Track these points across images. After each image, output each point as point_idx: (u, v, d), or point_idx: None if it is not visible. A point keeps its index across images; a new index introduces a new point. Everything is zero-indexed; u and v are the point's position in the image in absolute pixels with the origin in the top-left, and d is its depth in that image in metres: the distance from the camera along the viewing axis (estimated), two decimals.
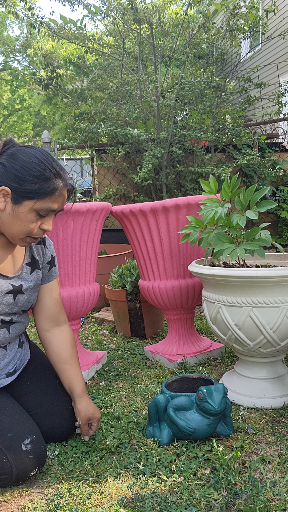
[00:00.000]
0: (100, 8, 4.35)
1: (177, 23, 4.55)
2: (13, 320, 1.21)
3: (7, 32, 16.35)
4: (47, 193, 1.09)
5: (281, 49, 7.56)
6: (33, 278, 1.25)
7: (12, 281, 1.19)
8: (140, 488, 1.04)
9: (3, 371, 1.21)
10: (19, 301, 1.20)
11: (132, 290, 2.23)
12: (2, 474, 1.05)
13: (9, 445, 1.05)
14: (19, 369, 1.27)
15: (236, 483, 1.03)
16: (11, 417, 1.11)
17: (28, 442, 1.08)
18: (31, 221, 1.10)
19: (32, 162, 1.08)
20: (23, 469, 1.06)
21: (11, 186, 1.07)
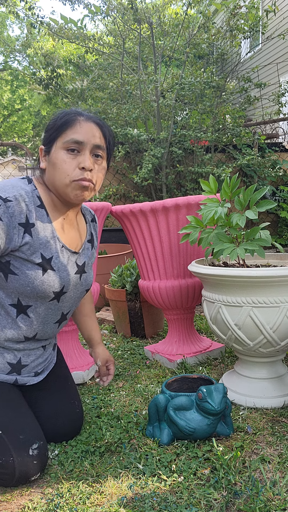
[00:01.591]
0: (101, 8, 4.36)
1: (177, 23, 4.55)
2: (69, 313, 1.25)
3: (7, 32, 16.35)
4: (64, 125, 1.09)
5: (281, 49, 7.56)
6: (91, 254, 1.29)
7: (77, 260, 1.21)
8: (140, 488, 1.04)
9: (34, 369, 1.22)
10: (84, 280, 1.24)
11: (132, 290, 2.23)
12: (5, 474, 1.05)
13: (18, 448, 1.06)
14: (46, 371, 1.27)
15: (236, 482, 1.03)
16: (25, 419, 1.12)
17: (36, 447, 1.08)
18: (63, 161, 1.08)
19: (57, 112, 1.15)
20: (25, 472, 1.06)
21: (43, 142, 1.13)
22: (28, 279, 1.08)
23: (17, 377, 1.18)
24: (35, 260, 1.08)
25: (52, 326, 1.21)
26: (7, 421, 1.08)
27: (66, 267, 1.15)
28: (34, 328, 1.16)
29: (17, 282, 1.08)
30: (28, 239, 1.06)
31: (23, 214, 1.05)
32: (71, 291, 1.19)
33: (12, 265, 1.07)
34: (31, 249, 1.07)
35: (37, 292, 1.10)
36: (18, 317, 1.13)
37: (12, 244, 1.05)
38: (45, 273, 1.09)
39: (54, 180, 1.10)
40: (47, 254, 1.10)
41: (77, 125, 1.09)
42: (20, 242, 1.05)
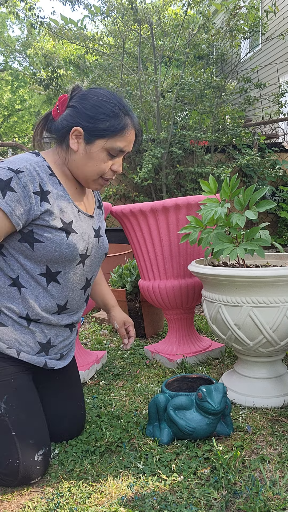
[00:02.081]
0: (101, 8, 4.36)
1: (177, 24, 4.55)
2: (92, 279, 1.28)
3: (8, 32, 16.36)
4: (118, 131, 1.11)
5: (280, 50, 7.56)
6: (102, 219, 1.33)
7: (93, 224, 1.25)
8: (140, 487, 1.04)
9: (60, 350, 1.24)
10: (101, 243, 1.27)
11: (132, 290, 2.23)
12: (8, 476, 1.06)
13: (27, 452, 1.06)
14: (69, 356, 1.29)
15: (236, 482, 1.04)
16: (38, 424, 1.12)
17: (42, 453, 1.09)
18: (102, 160, 1.13)
19: (102, 100, 1.11)
20: (28, 476, 1.07)
21: (83, 126, 1.10)
22: (54, 244, 1.10)
23: (46, 360, 1.19)
24: (57, 225, 1.10)
25: (79, 293, 1.23)
26: (22, 424, 1.08)
27: (86, 230, 1.19)
28: (65, 294, 1.18)
29: (44, 249, 1.10)
30: (47, 206, 1.09)
31: (36, 183, 1.07)
32: (92, 255, 1.22)
33: (36, 233, 1.09)
34: (51, 215, 1.09)
35: (65, 256, 1.12)
36: (48, 286, 1.15)
37: (32, 214, 1.07)
38: (69, 235, 1.12)
39: (83, 169, 1.15)
40: (66, 219, 1.13)
41: (127, 133, 1.14)
42: (40, 210, 1.07)
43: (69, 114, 1.13)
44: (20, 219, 1.06)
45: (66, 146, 1.16)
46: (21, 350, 1.15)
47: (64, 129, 1.13)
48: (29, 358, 1.16)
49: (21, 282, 1.13)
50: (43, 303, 1.16)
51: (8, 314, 1.14)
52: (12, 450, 1.05)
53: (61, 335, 1.24)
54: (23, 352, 1.16)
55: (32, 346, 1.17)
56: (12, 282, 1.14)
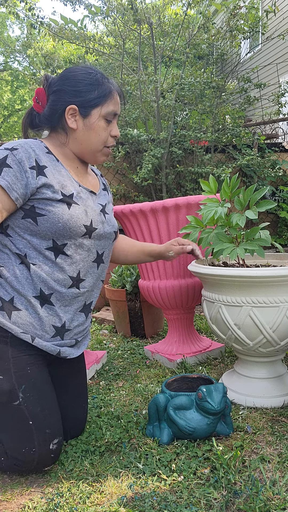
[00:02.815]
0: (101, 8, 4.36)
1: (177, 24, 4.55)
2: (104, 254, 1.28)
3: (8, 32, 16.36)
4: (107, 96, 1.18)
5: (280, 50, 7.56)
6: (108, 200, 1.34)
7: (97, 200, 1.27)
8: (140, 487, 1.04)
9: (75, 336, 1.24)
10: (108, 219, 1.28)
11: (132, 290, 2.23)
12: (25, 463, 1.09)
13: (43, 441, 1.09)
14: (83, 344, 1.29)
15: (236, 482, 1.04)
16: (54, 414, 1.14)
17: (56, 442, 1.12)
18: (103, 128, 1.20)
19: (82, 74, 1.18)
20: (42, 464, 1.11)
21: (75, 102, 1.16)
22: (56, 215, 1.11)
23: (60, 349, 1.19)
24: (57, 197, 1.12)
25: (90, 265, 1.23)
26: (39, 413, 1.11)
27: (88, 203, 1.20)
28: (76, 266, 1.18)
29: (47, 221, 1.11)
30: (45, 180, 1.11)
31: (32, 159, 1.10)
32: (100, 229, 1.22)
33: (37, 208, 1.11)
34: (50, 188, 1.12)
35: (69, 227, 1.13)
36: (57, 259, 1.15)
37: (29, 188, 1.09)
38: (70, 207, 1.14)
39: (87, 144, 1.20)
40: (66, 191, 1.15)
41: (114, 96, 1.20)
42: (36, 183, 1.10)
43: (55, 99, 1.17)
44: (18, 194, 1.08)
45: (62, 128, 1.20)
46: (36, 335, 1.15)
47: (56, 114, 1.18)
48: (43, 345, 1.16)
49: (29, 260, 1.14)
50: (55, 276, 1.16)
51: (22, 295, 1.14)
52: (29, 438, 1.08)
53: (76, 320, 1.23)
54: (38, 337, 1.15)
55: (47, 329, 1.16)
56: (21, 261, 1.14)
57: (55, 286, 1.16)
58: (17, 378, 1.11)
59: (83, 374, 1.36)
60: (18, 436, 1.09)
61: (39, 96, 1.20)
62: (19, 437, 1.09)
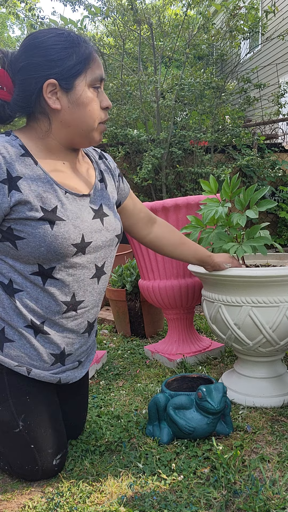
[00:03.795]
0: (101, 8, 4.36)
1: (177, 24, 4.56)
2: (106, 265, 1.09)
3: (8, 33, 16.36)
4: (89, 58, 0.95)
5: (280, 50, 7.57)
6: (108, 196, 1.12)
7: (91, 204, 1.05)
8: (140, 487, 1.04)
9: (78, 357, 1.13)
10: (108, 224, 1.07)
11: (132, 290, 2.23)
12: (30, 477, 1.10)
13: (45, 460, 1.08)
14: (88, 361, 1.19)
15: (236, 481, 1.04)
16: (57, 435, 1.11)
17: (59, 457, 1.11)
18: (92, 99, 0.96)
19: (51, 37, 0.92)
20: (46, 476, 1.11)
21: (52, 75, 0.92)
22: (37, 239, 0.93)
23: (60, 377, 1.09)
24: (36, 215, 0.93)
25: (89, 282, 1.05)
26: (40, 438, 1.08)
27: (78, 214, 0.99)
28: (69, 289, 1.02)
29: (28, 246, 0.94)
30: (19, 196, 0.91)
31: (2, 170, 0.90)
32: (97, 240, 1.03)
33: (15, 230, 0.94)
34: (27, 205, 0.92)
35: (54, 250, 0.95)
36: (45, 284, 0.99)
37: (2, 208, 0.91)
38: (53, 226, 0.94)
39: (79, 124, 0.97)
40: (47, 205, 0.94)
41: (96, 57, 0.97)
42: (9, 202, 0.91)
43: (24, 79, 0.92)
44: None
45: (42, 113, 0.97)
46: (33, 366, 1.05)
47: (31, 96, 0.94)
48: (41, 376, 1.06)
49: (15, 287, 1.00)
50: (45, 304, 1.01)
51: (12, 326, 1.02)
52: (31, 459, 1.08)
53: (78, 342, 1.11)
54: (35, 368, 1.05)
55: (44, 359, 1.05)
56: (5, 290, 1.01)
57: (46, 314, 1.02)
58: (16, 408, 1.05)
59: (85, 386, 1.29)
60: (20, 458, 1.08)
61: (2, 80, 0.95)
62: (21, 458, 1.08)
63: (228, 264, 1.33)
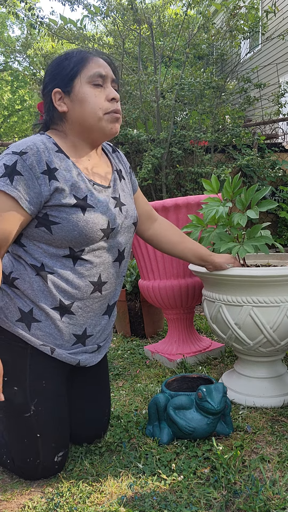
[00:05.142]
0: (100, 8, 4.36)
1: (177, 24, 4.56)
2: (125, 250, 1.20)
3: (8, 32, 16.36)
4: (83, 61, 1.08)
5: (280, 50, 7.57)
6: (122, 187, 1.23)
7: (112, 194, 1.16)
8: (140, 487, 1.04)
9: (98, 340, 1.19)
10: (126, 212, 1.18)
11: (132, 290, 2.23)
12: (28, 471, 1.10)
13: (47, 454, 1.09)
14: (105, 347, 1.24)
15: (236, 482, 1.04)
16: (63, 429, 1.12)
17: (61, 455, 1.11)
18: (92, 94, 1.07)
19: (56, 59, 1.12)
20: (46, 474, 1.11)
21: (56, 85, 1.09)
22: (71, 223, 1.04)
23: (80, 359, 1.14)
24: (70, 202, 1.05)
25: (112, 266, 1.16)
26: (48, 427, 1.09)
27: (104, 203, 1.11)
28: (96, 270, 1.12)
29: (62, 230, 1.04)
30: (57, 184, 1.03)
31: (43, 162, 1.02)
32: (118, 227, 1.15)
33: (51, 215, 1.04)
34: (62, 193, 1.04)
35: (86, 234, 1.06)
36: (75, 265, 1.09)
37: (43, 195, 1.02)
38: (85, 212, 1.06)
39: (84, 118, 1.08)
40: (80, 194, 1.07)
41: (92, 59, 1.09)
42: (49, 190, 1.03)
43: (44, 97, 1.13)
44: (31, 203, 1.01)
45: (59, 118, 1.12)
46: (56, 346, 1.11)
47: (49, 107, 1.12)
48: (63, 356, 1.12)
49: (47, 269, 1.08)
50: (75, 284, 1.10)
51: (40, 307, 1.09)
52: (34, 450, 1.08)
53: (99, 324, 1.18)
54: (58, 348, 1.11)
55: (67, 339, 1.12)
56: (37, 273, 1.09)
57: (76, 295, 1.11)
58: (31, 391, 1.08)
59: (103, 375, 1.30)
60: (24, 447, 1.09)
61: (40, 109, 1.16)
62: (25, 448, 1.09)
63: (230, 264, 1.35)
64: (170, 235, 1.37)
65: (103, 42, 4.92)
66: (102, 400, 1.27)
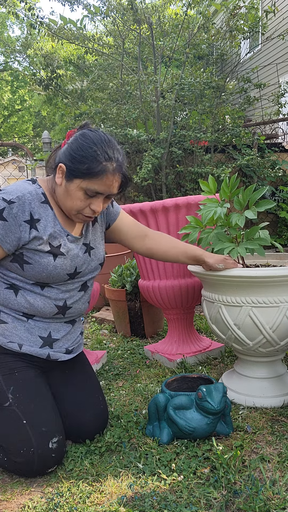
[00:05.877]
0: (100, 8, 4.36)
1: (177, 24, 4.56)
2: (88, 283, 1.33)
3: (8, 32, 16.36)
4: (94, 174, 1.14)
5: (280, 50, 7.57)
6: (95, 230, 1.35)
7: (83, 241, 1.30)
8: (140, 487, 1.04)
9: (65, 345, 1.29)
10: (93, 255, 1.31)
11: (132, 290, 2.23)
12: (24, 465, 1.10)
13: (40, 439, 1.10)
14: (75, 352, 1.33)
15: (236, 482, 1.04)
16: (49, 413, 1.16)
17: (56, 441, 1.12)
18: (79, 198, 1.17)
19: (87, 144, 1.15)
20: (43, 464, 1.10)
21: (66, 164, 1.16)
22: (41, 266, 1.18)
23: (49, 352, 1.24)
24: (44, 249, 1.18)
25: (77, 294, 1.29)
26: (32, 412, 1.12)
27: (74, 251, 1.24)
28: (62, 295, 1.25)
29: (33, 270, 1.18)
30: (35, 233, 1.16)
31: (27, 212, 1.15)
32: (85, 269, 1.29)
33: (26, 256, 1.18)
34: (39, 241, 1.17)
35: (52, 276, 1.20)
36: (43, 290, 1.23)
37: (22, 240, 1.16)
38: (56, 258, 1.19)
39: (63, 203, 1.20)
40: (54, 243, 1.20)
41: (104, 178, 1.15)
42: (29, 237, 1.16)
43: (62, 150, 1.19)
44: (10, 245, 1.15)
45: (54, 176, 1.23)
46: (23, 344, 1.21)
47: (55, 163, 1.21)
48: (32, 350, 1.21)
49: (17, 285, 1.22)
50: (40, 304, 1.22)
51: (7, 312, 1.23)
52: (25, 438, 1.09)
53: (62, 330, 1.28)
54: (26, 345, 1.21)
55: (33, 340, 1.23)
56: (9, 286, 1.22)
57: (38, 314, 1.23)
58: (5, 380, 1.16)
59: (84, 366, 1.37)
60: (15, 438, 1.10)
61: (67, 137, 1.23)
62: (16, 439, 1.10)
63: (220, 264, 1.35)
64: (161, 246, 1.46)
65: (103, 42, 4.92)
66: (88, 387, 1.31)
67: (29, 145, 14.21)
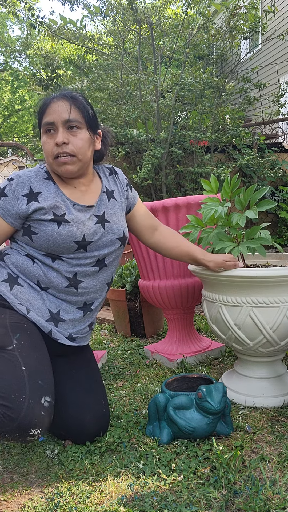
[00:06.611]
0: (100, 8, 4.36)
1: (177, 24, 4.56)
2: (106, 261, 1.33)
3: (8, 32, 16.36)
4: (43, 112, 1.23)
5: (280, 50, 7.57)
6: (112, 205, 1.36)
7: (95, 212, 1.30)
8: (140, 487, 1.04)
9: (69, 329, 1.30)
10: (109, 228, 1.31)
11: (132, 290, 2.23)
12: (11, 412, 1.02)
13: (34, 390, 1.07)
14: (77, 342, 1.33)
15: (236, 482, 1.04)
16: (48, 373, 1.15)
17: (48, 400, 1.09)
18: (44, 142, 1.24)
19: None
20: (29, 420, 1.03)
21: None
22: (46, 234, 1.22)
23: (52, 328, 1.26)
24: (47, 217, 1.22)
25: (90, 270, 1.29)
26: (32, 361, 1.12)
27: (81, 219, 1.26)
28: (73, 268, 1.27)
29: (40, 239, 1.23)
30: (36, 205, 1.21)
31: (26, 187, 1.22)
32: (98, 240, 1.28)
33: (33, 227, 1.23)
34: (42, 211, 1.22)
35: (59, 243, 1.22)
36: (54, 262, 1.25)
37: (21, 213, 1.22)
38: (60, 225, 1.22)
39: (46, 161, 1.27)
40: (58, 212, 1.23)
41: (48, 108, 1.22)
42: (28, 208, 1.21)
43: None
44: (12, 218, 1.22)
45: None
46: (31, 310, 1.25)
47: None
48: (37, 319, 1.24)
49: (32, 255, 1.27)
50: (51, 275, 1.26)
51: (24, 278, 1.27)
52: (20, 384, 1.05)
53: (72, 314, 1.29)
54: (33, 312, 1.24)
55: (42, 311, 1.26)
56: (26, 254, 1.28)
57: (49, 284, 1.26)
58: (12, 327, 1.18)
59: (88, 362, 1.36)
60: (10, 381, 1.05)
61: None
62: (11, 382, 1.05)
63: (220, 268, 1.36)
64: (168, 242, 1.48)
65: (102, 42, 4.92)
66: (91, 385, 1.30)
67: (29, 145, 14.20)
